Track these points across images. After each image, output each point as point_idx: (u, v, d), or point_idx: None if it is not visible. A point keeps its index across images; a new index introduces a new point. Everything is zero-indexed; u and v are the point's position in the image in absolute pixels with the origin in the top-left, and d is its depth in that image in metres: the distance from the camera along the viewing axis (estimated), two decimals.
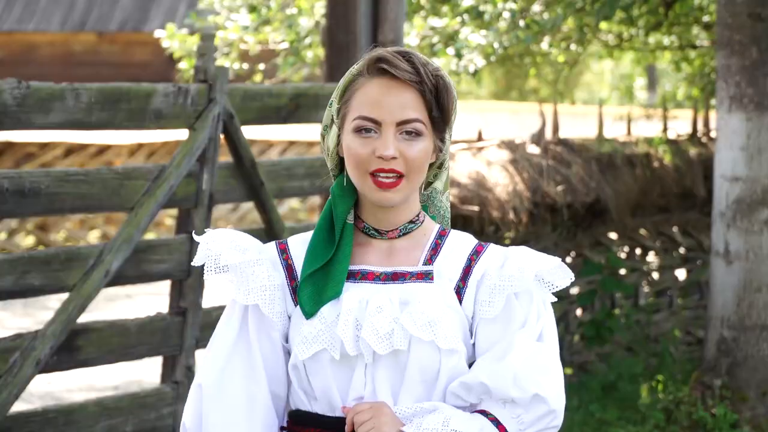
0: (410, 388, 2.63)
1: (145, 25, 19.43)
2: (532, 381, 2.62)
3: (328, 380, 2.63)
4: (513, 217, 7.49)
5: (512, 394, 2.60)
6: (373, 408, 2.60)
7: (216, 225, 13.69)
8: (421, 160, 2.65)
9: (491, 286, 2.66)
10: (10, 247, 13.83)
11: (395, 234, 2.70)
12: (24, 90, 4.87)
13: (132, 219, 5.34)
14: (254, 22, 9.90)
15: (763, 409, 7.30)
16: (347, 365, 2.63)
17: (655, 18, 10.31)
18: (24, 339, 4.98)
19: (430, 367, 2.62)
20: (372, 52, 2.68)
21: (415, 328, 2.60)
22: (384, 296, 2.64)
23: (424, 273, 2.68)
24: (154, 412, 5.50)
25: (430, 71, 2.65)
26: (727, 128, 7.35)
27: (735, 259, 7.35)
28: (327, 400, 2.65)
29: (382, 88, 2.64)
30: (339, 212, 2.69)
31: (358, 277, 2.68)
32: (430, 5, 9.56)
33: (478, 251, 2.71)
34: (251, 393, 2.68)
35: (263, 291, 2.67)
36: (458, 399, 2.64)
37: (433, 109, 2.65)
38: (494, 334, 2.66)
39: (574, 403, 7.94)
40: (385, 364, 2.62)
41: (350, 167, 2.66)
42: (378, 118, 2.63)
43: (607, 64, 28.62)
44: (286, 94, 6.03)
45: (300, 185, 6.15)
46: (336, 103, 2.70)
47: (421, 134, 2.64)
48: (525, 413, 2.62)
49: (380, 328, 2.60)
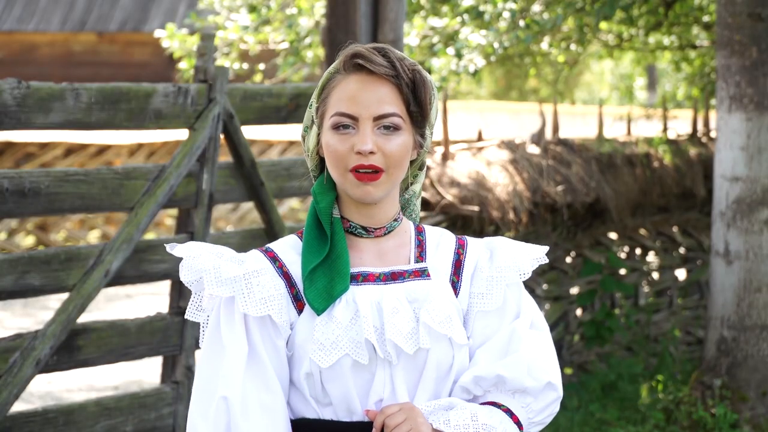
0: (426, 386, 2.64)
1: (145, 25, 19.43)
2: (543, 370, 2.67)
3: (347, 385, 2.61)
4: (513, 217, 7.49)
5: (527, 384, 2.66)
6: (404, 409, 2.59)
7: (216, 225, 13.69)
8: (401, 154, 2.64)
9: (486, 278, 2.70)
10: (10, 247, 13.83)
11: (382, 232, 2.70)
12: (24, 90, 4.87)
13: (132, 219, 5.34)
14: (254, 22, 9.90)
15: (763, 409, 7.30)
16: (368, 369, 2.61)
17: (655, 18, 10.31)
18: (24, 339, 4.98)
19: (445, 363, 2.64)
20: (348, 49, 2.67)
21: (438, 326, 2.62)
22: (393, 297, 2.64)
23: (419, 270, 2.69)
24: (154, 412, 5.50)
25: (407, 65, 2.64)
26: (727, 128, 7.35)
27: (735, 259, 7.35)
28: (345, 406, 2.62)
29: (358, 84, 2.63)
30: (322, 207, 2.68)
31: (360, 280, 2.67)
32: (430, 5, 9.56)
33: (462, 245, 2.75)
34: (271, 406, 2.62)
35: (272, 300, 2.63)
36: (466, 392, 2.66)
37: (411, 104, 2.64)
38: (490, 325, 2.70)
39: (574, 403, 7.94)
40: (404, 364, 2.62)
41: (330, 165, 2.65)
42: (355, 113, 2.62)
43: (607, 64, 28.61)
44: (286, 94, 6.03)
45: (300, 185, 6.16)
46: (315, 103, 2.70)
47: (399, 128, 2.63)
48: (534, 401, 2.68)
49: (403, 329, 2.60)
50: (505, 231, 7.51)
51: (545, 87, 27.14)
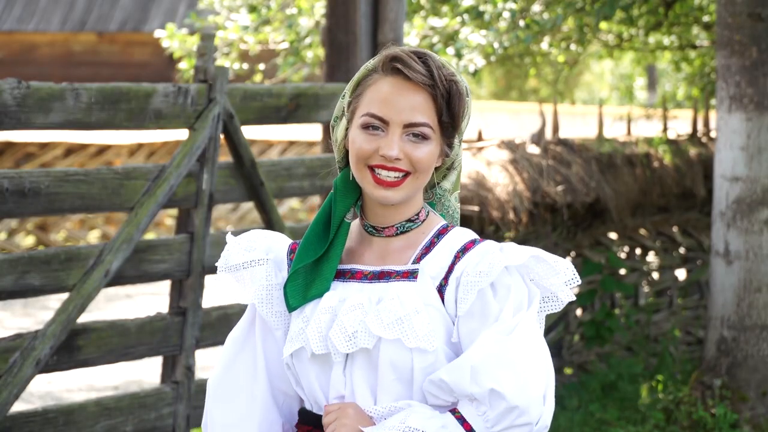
0: (387, 387, 2.61)
1: (145, 25, 19.43)
2: (489, 376, 2.51)
3: (311, 379, 2.65)
4: (513, 217, 7.49)
5: (470, 390, 2.53)
6: (339, 409, 2.61)
7: (216, 225, 13.69)
8: (427, 162, 2.63)
9: (465, 282, 2.61)
10: (10, 247, 13.83)
11: (392, 232, 2.69)
12: (24, 90, 4.87)
13: (132, 219, 5.34)
14: (254, 22, 9.89)
15: (763, 409, 7.30)
16: (326, 364, 2.63)
17: (655, 18, 10.31)
18: (24, 339, 4.98)
19: (402, 366, 2.59)
20: (389, 49, 2.66)
21: (379, 327, 2.57)
22: (364, 295, 2.63)
23: (409, 272, 2.65)
24: (154, 412, 5.50)
25: (445, 75, 2.62)
26: (727, 128, 7.35)
27: (735, 259, 7.35)
28: (314, 399, 2.67)
29: (393, 88, 2.62)
30: (338, 210, 2.68)
31: (348, 277, 2.68)
32: (430, 5, 9.56)
33: (466, 248, 2.65)
34: (251, 391, 2.71)
35: (260, 290, 2.70)
36: (435, 398, 2.60)
37: (444, 114, 2.63)
38: (474, 331, 2.60)
39: (574, 403, 7.94)
40: (360, 363, 2.62)
41: (352, 160, 2.65)
42: (386, 117, 2.61)
43: (607, 64, 28.61)
44: (286, 94, 6.03)
45: (300, 185, 6.15)
46: (348, 96, 2.69)
47: (427, 138, 2.62)
48: (489, 410, 2.53)
49: (348, 327, 2.60)
50: (505, 231, 7.51)
51: (545, 87, 27.14)
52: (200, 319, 5.67)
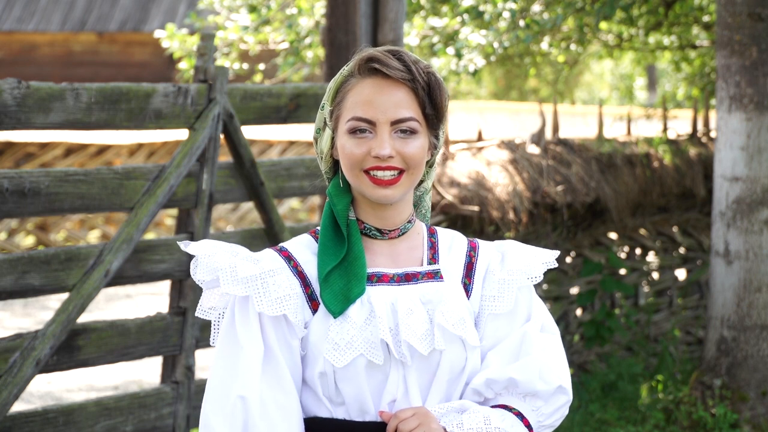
0: (438, 388, 2.64)
1: (144, 25, 19.43)
2: (555, 374, 2.69)
3: (361, 385, 2.61)
4: (513, 217, 7.49)
5: (538, 387, 2.67)
6: (418, 414, 2.59)
7: (216, 225, 13.69)
8: (419, 156, 2.64)
9: (498, 281, 2.71)
10: (10, 247, 13.83)
11: (396, 234, 2.70)
12: (24, 90, 4.87)
13: (132, 219, 5.34)
14: (254, 22, 9.89)
15: (763, 409, 7.30)
16: (381, 369, 2.61)
17: (655, 18, 10.31)
18: (24, 339, 4.98)
19: (458, 365, 2.65)
20: (362, 52, 2.67)
21: (452, 327, 2.62)
22: (408, 298, 2.64)
23: (432, 272, 2.69)
24: (154, 412, 5.50)
25: (422, 69, 2.64)
26: (727, 128, 7.35)
27: (735, 259, 7.35)
28: (358, 406, 2.62)
29: (374, 88, 2.63)
30: (339, 209, 2.68)
31: (374, 280, 2.66)
32: (430, 5, 9.56)
33: (474, 247, 2.76)
34: (287, 405, 2.63)
35: (288, 300, 2.63)
36: (477, 395, 2.67)
37: (427, 107, 2.65)
38: (501, 328, 2.71)
39: (574, 403, 7.94)
40: (417, 365, 2.63)
41: (345, 168, 2.65)
42: (372, 118, 2.62)
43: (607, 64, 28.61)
44: (286, 94, 6.03)
45: (300, 185, 6.15)
46: (328, 106, 2.69)
47: (416, 132, 2.64)
48: (545, 405, 2.71)
49: (417, 330, 2.61)
50: (505, 231, 7.51)
51: (545, 87, 27.14)
52: (200, 319, 5.67)
